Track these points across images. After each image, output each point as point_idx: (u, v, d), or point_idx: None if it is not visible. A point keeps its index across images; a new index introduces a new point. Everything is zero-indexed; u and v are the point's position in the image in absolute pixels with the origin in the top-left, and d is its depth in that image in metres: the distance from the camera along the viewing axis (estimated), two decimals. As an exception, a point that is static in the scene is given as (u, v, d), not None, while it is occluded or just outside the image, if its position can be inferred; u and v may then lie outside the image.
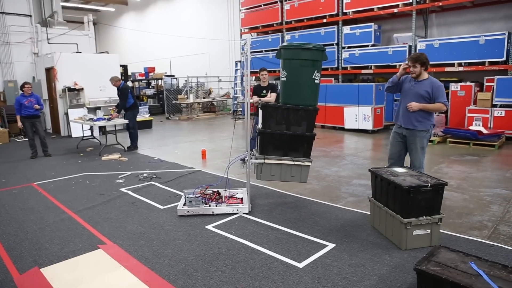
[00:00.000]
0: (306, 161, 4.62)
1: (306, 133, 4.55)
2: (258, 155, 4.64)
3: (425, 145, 4.43)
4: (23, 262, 3.46)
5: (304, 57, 4.38)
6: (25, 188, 5.97)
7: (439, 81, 4.39)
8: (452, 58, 9.89)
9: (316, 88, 4.56)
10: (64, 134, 11.88)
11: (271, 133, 4.57)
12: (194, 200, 4.60)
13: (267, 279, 3.01)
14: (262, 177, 4.69)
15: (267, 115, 4.55)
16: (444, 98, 4.27)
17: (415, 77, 4.38)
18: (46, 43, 13.12)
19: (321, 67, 4.52)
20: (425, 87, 4.30)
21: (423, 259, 2.59)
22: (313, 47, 4.37)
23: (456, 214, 4.33)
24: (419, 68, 4.31)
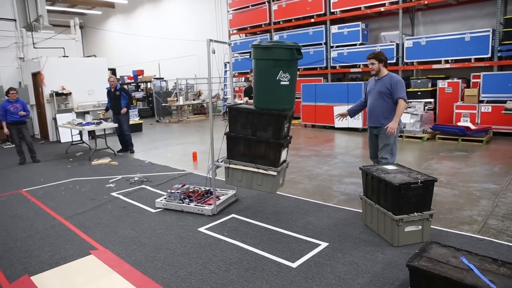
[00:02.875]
0: (271, 170, 4.15)
1: (271, 139, 4.12)
2: (225, 158, 4.48)
3: (392, 141, 4.51)
4: (12, 270, 3.40)
5: (266, 57, 4.00)
6: (13, 195, 5.87)
7: (399, 77, 4.56)
8: (439, 56, 10.01)
9: (283, 90, 4.03)
10: (53, 139, 11.74)
11: (236, 137, 4.34)
12: (172, 195, 4.82)
13: (261, 280, 3.01)
14: (230, 182, 4.52)
15: (232, 118, 4.36)
16: (403, 93, 4.35)
17: (375, 74, 4.55)
18: (32, 48, 12.95)
19: (291, 67, 4.00)
20: (385, 84, 4.43)
21: (415, 255, 2.61)
22: (273, 45, 3.99)
23: (446, 209, 4.38)
24: (377, 65, 4.46)
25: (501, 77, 8.92)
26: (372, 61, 4.51)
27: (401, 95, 4.36)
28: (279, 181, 4.28)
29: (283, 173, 4.41)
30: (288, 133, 4.37)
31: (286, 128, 4.22)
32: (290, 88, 4.08)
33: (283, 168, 4.35)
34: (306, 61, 12.71)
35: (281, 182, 4.41)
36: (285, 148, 4.32)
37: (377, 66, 4.49)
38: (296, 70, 4.24)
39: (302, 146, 8.87)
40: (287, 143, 4.33)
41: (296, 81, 4.28)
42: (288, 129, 4.36)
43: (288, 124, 4.30)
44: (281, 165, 4.22)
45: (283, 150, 4.20)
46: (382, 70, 4.52)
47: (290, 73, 4.01)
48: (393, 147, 4.57)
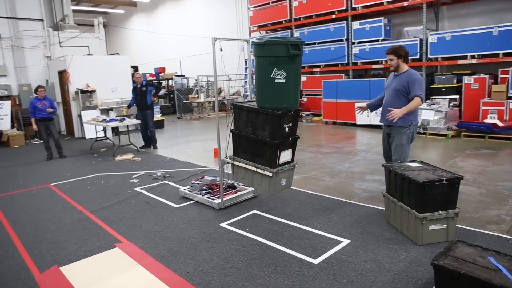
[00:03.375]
0: (267, 170, 4.08)
1: (267, 139, 4.02)
2: (231, 155, 4.54)
3: (404, 142, 4.27)
4: (43, 261, 3.53)
5: (262, 54, 3.90)
6: (42, 189, 6.08)
7: (419, 75, 4.27)
8: (464, 51, 9.71)
9: (278, 88, 3.86)
10: (78, 136, 12.05)
11: (239, 134, 4.38)
12: (193, 186, 5.06)
13: (283, 276, 3.02)
14: (235, 178, 4.61)
15: (236, 116, 4.39)
16: (420, 91, 4.10)
17: (394, 70, 4.33)
18: (58, 47, 13.31)
19: (287, 64, 3.81)
20: (402, 81, 4.19)
21: (440, 254, 2.56)
22: (265, 41, 3.84)
23: (472, 208, 4.27)
24: (395, 60, 4.23)
25: (531, 73, 8.59)
26: (390, 56, 4.27)
27: (418, 93, 4.08)
28: (278, 182, 4.15)
29: (287, 175, 4.27)
30: (291, 133, 4.15)
31: (287, 128, 4.06)
32: (286, 86, 3.87)
33: (285, 170, 4.19)
34: (327, 58, 12.60)
35: (284, 184, 4.27)
36: (288, 149, 4.18)
37: (396, 62, 4.25)
38: (297, 67, 3.98)
39: (323, 143, 8.81)
40: (289, 143, 4.16)
41: (297, 78, 4.06)
42: (291, 129, 4.15)
43: (290, 124, 4.10)
44: (281, 166, 4.11)
45: (282, 151, 4.07)
46: (402, 66, 4.27)
47: (287, 70, 3.82)
48: (406, 148, 4.31)
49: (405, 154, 4.30)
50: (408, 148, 4.34)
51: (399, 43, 4.19)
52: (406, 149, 4.29)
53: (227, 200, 4.72)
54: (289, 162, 4.26)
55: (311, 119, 12.55)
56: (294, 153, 4.33)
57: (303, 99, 13.42)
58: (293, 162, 4.35)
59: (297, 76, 4.03)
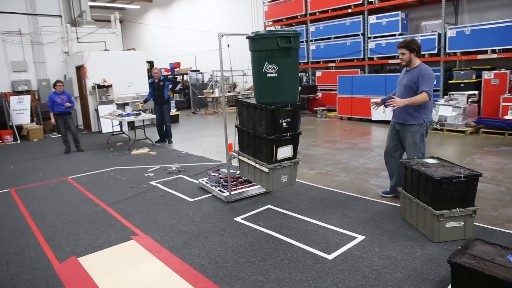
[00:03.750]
0: (264, 166, 4.05)
1: (263, 134, 3.98)
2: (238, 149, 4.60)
3: (418, 140, 4.15)
4: (61, 251, 3.62)
5: (253, 48, 3.88)
6: (60, 182, 6.21)
7: (430, 70, 4.06)
8: (485, 45, 9.47)
9: (270, 83, 3.80)
10: (95, 130, 12.25)
11: (241, 129, 4.42)
12: (211, 178, 5.21)
13: (297, 270, 3.03)
14: (241, 173, 4.65)
15: (239, 111, 4.43)
16: (428, 86, 3.92)
17: (406, 65, 4.19)
18: (75, 42, 13.51)
19: (279, 57, 3.72)
20: (413, 77, 4.05)
21: (457, 252, 2.52)
22: (255, 35, 3.80)
23: (491, 206, 4.19)
24: (407, 55, 4.08)
25: (554, 68, 8.33)
26: (402, 50, 4.11)
27: (426, 88, 3.91)
28: (278, 178, 4.08)
29: (288, 171, 4.15)
30: (290, 128, 4.01)
31: (284, 123, 3.94)
32: (279, 80, 3.79)
33: (285, 167, 4.09)
34: (343, 53, 12.47)
35: (285, 181, 4.17)
36: (287, 145, 4.05)
37: (408, 56, 4.09)
38: (291, 60, 3.85)
39: (338, 138, 8.75)
40: (288, 139, 4.03)
41: (292, 72, 3.92)
42: (290, 124, 4.00)
43: (288, 119, 3.96)
44: (279, 163, 4.02)
45: (280, 146, 3.98)
46: (414, 61, 4.12)
47: (278, 64, 3.73)
48: (420, 146, 4.18)
49: (421, 151, 4.18)
50: (423, 146, 4.22)
51: (411, 37, 3.98)
52: (421, 147, 4.17)
53: (236, 194, 4.77)
54: (290, 158, 4.14)
55: (326, 115, 12.46)
56: (296, 149, 4.20)
57: (318, 94, 13.33)
58: (295, 158, 4.22)
59: (292, 70, 3.91)
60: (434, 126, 8.92)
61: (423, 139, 4.21)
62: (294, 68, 3.97)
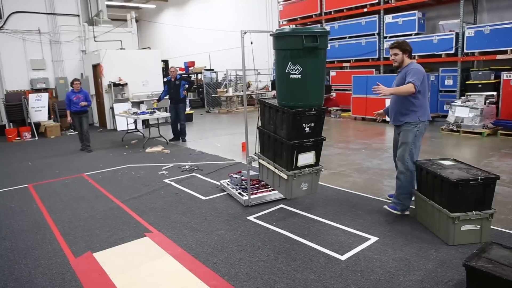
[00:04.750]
0: (283, 172, 3.88)
1: (283, 139, 3.81)
2: (258, 152, 4.48)
3: (410, 140, 3.90)
4: (77, 246, 3.69)
5: (277, 47, 3.66)
6: (76, 178, 6.33)
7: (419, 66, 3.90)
8: (504, 45, 9.26)
9: (293, 85, 3.61)
10: (110, 128, 12.43)
11: (263, 132, 4.25)
12: (234, 180, 5.03)
13: (309, 270, 3.02)
14: (261, 177, 4.47)
15: (261, 112, 4.24)
16: (414, 78, 3.71)
17: (398, 66, 4.04)
18: (92, 41, 13.73)
19: (303, 57, 3.51)
20: (402, 75, 3.92)
21: (473, 255, 2.49)
22: (278, 33, 3.59)
23: (509, 210, 4.10)
24: (400, 55, 3.92)
25: None
26: (395, 51, 3.94)
27: (412, 79, 3.72)
28: (297, 186, 3.90)
29: (309, 179, 3.97)
30: (313, 134, 3.83)
31: (307, 128, 3.76)
32: (303, 82, 3.57)
33: (306, 174, 3.91)
34: (358, 52, 12.37)
35: (306, 188, 4.00)
36: (309, 151, 3.86)
37: (401, 57, 3.93)
38: (317, 61, 3.63)
39: (352, 139, 8.68)
40: (310, 146, 3.82)
41: (318, 74, 3.69)
42: (314, 129, 3.82)
43: (311, 124, 3.77)
44: (299, 170, 3.84)
45: (301, 153, 3.79)
46: (405, 61, 3.96)
47: (303, 64, 3.52)
48: (412, 148, 3.91)
49: (411, 153, 3.92)
50: (416, 148, 3.95)
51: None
52: (412, 148, 3.92)
53: (256, 198, 4.61)
54: (312, 165, 3.96)
55: (339, 115, 12.38)
56: (319, 156, 3.99)
57: (332, 94, 13.25)
58: (317, 166, 4.01)
59: (318, 71, 3.67)
60: (450, 128, 8.79)
61: (416, 141, 3.94)
62: (320, 70, 3.74)
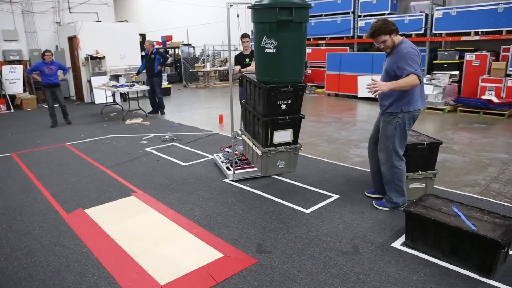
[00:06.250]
0: (259, 149, 3.79)
1: (259, 115, 3.74)
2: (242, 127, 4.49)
3: (390, 133, 3.44)
4: (68, 205, 4.02)
5: (253, 19, 3.55)
6: (59, 147, 6.54)
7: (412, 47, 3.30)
8: (469, 27, 9.84)
9: (268, 59, 3.49)
10: (88, 101, 12.44)
11: (244, 107, 4.28)
12: (226, 154, 5.09)
13: (278, 221, 3.49)
14: (244, 152, 4.50)
15: (244, 86, 4.23)
16: (414, 67, 3.15)
17: (391, 50, 3.41)
18: (67, 12, 13.47)
19: (279, 31, 3.35)
20: (394, 59, 3.33)
21: (412, 203, 3.00)
22: (253, 5, 3.42)
23: (454, 173, 4.69)
24: (389, 40, 3.32)
25: (531, 50, 8.79)
26: (381, 39, 3.31)
27: (412, 69, 3.13)
28: (273, 163, 3.82)
29: (286, 157, 3.88)
30: (290, 111, 3.72)
31: (283, 105, 3.65)
32: (278, 57, 3.44)
33: (283, 152, 3.82)
34: (333, 30, 12.72)
35: (282, 166, 3.92)
36: (285, 129, 3.77)
37: (390, 42, 3.33)
38: (294, 35, 3.44)
39: (324, 113, 9.17)
40: (287, 123, 3.73)
41: (294, 49, 3.50)
42: (291, 106, 3.70)
43: (288, 101, 3.66)
44: (275, 147, 3.77)
45: (276, 130, 3.70)
46: (397, 39, 3.37)
47: (278, 39, 3.37)
48: (393, 140, 3.44)
49: (394, 148, 3.46)
50: (398, 141, 3.45)
51: (379, 19, 3.31)
52: (394, 142, 3.45)
53: (242, 174, 4.60)
54: (289, 143, 3.87)
55: (314, 91, 12.83)
56: (297, 134, 3.90)
57: (308, 70, 13.64)
58: (295, 144, 3.92)
59: (295, 47, 3.49)
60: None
61: (398, 134, 3.43)
62: (298, 45, 3.53)
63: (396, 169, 3.50)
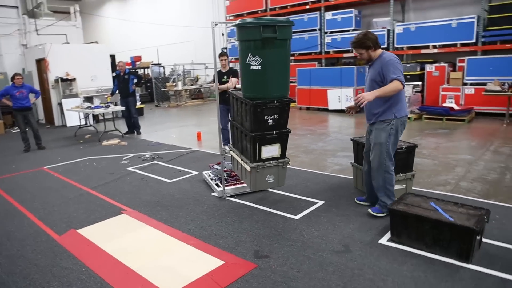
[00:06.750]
0: (248, 164, 3.85)
1: (246, 131, 3.83)
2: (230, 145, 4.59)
3: (384, 139, 3.56)
4: (58, 227, 4.00)
5: (239, 37, 3.67)
6: (37, 172, 6.43)
7: (393, 55, 3.55)
8: (427, 41, 10.60)
9: (254, 76, 3.60)
10: (59, 124, 12.18)
11: (232, 124, 4.32)
12: (215, 171, 5.04)
13: (270, 228, 3.66)
14: (233, 168, 4.55)
15: (231, 104, 4.28)
16: (396, 73, 3.34)
17: (367, 62, 3.69)
18: (34, 35, 13.26)
19: (263, 49, 3.48)
20: (376, 69, 3.54)
21: (395, 202, 3.27)
22: (238, 24, 3.57)
23: (426, 175, 5.04)
24: (365, 54, 3.57)
25: (483, 61, 9.57)
26: (359, 51, 3.59)
27: (394, 75, 3.32)
28: (262, 178, 3.89)
29: (274, 172, 3.95)
30: (277, 126, 3.83)
31: (270, 120, 3.75)
32: (263, 74, 3.56)
33: (271, 166, 3.89)
34: (301, 47, 13.24)
35: (271, 181, 4.01)
36: (273, 144, 3.86)
37: (366, 55, 3.58)
38: (278, 52, 3.58)
39: (298, 126, 9.49)
40: (274, 138, 3.82)
41: (279, 65, 3.65)
42: (278, 121, 3.81)
43: (275, 116, 3.77)
44: (263, 162, 3.84)
45: (264, 145, 3.79)
46: (374, 55, 3.58)
47: (262, 56, 3.49)
48: (388, 148, 3.58)
49: (388, 154, 3.60)
50: (391, 147, 3.61)
51: (364, 31, 3.41)
52: (388, 148, 3.58)
53: (232, 190, 4.61)
54: (277, 158, 3.95)
55: (286, 106, 13.18)
56: (284, 148, 3.97)
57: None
58: (283, 158, 3.99)
59: (279, 63, 3.64)
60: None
61: (391, 140, 3.58)
62: (282, 61, 3.68)
63: (388, 174, 3.64)
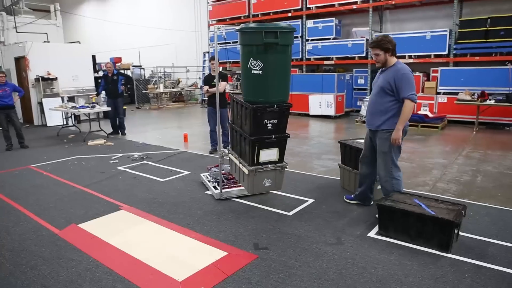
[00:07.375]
0: (246, 167, 3.91)
1: (245, 134, 3.89)
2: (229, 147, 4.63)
3: (387, 149, 3.68)
4: (57, 222, 4.08)
5: (241, 42, 3.75)
6: (24, 170, 6.40)
7: (408, 69, 3.62)
8: (403, 51, 11.15)
9: (255, 80, 3.68)
10: (38, 124, 11.99)
11: (232, 127, 4.40)
12: (213, 173, 5.08)
13: (266, 223, 3.89)
14: (231, 171, 4.61)
15: (231, 107, 4.32)
16: (410, 90, 3.47)
17: (382, 66, 3.72)
18: (13, 32, 13.03)
19: (265, 53, 3.56)
20: (388, 77, 3.59)
21: (382, 199, 3.59)
22: (241, 29, 3.65)
23: (406, 177, 5.38)
24: (382, 55, 3.60)
25: (455, 72, 10.22)
26: (376, 51, 3.59)
27: (407, 94, 3.43)
28: (259, 182, 3.95)
29: (272, 175, 4.02)
30: (276, 130, 3.90)
31: (269, 124, 3.82)
32: (264, 78, 3.63)
33: (269, 170, 3.95)
34: (284, 53, 13.59)
35: (269, 185, 4.07)
36: (271, 148, 3.94)
37: (383, 57, 3.58)
38: (279, 57, 3.66)
39: (282, 130, 9.77)
40: (273, 142, 3.89)
41: (280, 70, 3.74)
42: (277, 126, 3.88)
43: (274, 121, 3.84)
44: (261, 165, 3.90)
45: (263, 149, 3.85)
46: (390, 60, 3.61)
47: (264, 60, 3.57)
48: (393, 155, 3.72)
49: (393, 161, 3.73)
50: (395, 155, 3.75)
51: (383, 34, 3.44)
52: (393, 157, 3.72)
53: (229, 192, 4.62)
54: (275, 162, 4.01)
55: (268, 110, 13.47)
56: (283, 152, 4.04)
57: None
58: (282, 163, 4.06)
59: (280, 68, 3.72)
60: (363, 120, 10.37)
61: (395, 149, 3.71)
62: (283, 66, 3.76)
63: (396, 180, 3.75)
